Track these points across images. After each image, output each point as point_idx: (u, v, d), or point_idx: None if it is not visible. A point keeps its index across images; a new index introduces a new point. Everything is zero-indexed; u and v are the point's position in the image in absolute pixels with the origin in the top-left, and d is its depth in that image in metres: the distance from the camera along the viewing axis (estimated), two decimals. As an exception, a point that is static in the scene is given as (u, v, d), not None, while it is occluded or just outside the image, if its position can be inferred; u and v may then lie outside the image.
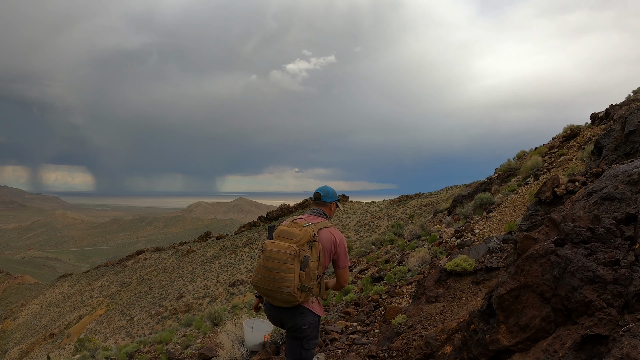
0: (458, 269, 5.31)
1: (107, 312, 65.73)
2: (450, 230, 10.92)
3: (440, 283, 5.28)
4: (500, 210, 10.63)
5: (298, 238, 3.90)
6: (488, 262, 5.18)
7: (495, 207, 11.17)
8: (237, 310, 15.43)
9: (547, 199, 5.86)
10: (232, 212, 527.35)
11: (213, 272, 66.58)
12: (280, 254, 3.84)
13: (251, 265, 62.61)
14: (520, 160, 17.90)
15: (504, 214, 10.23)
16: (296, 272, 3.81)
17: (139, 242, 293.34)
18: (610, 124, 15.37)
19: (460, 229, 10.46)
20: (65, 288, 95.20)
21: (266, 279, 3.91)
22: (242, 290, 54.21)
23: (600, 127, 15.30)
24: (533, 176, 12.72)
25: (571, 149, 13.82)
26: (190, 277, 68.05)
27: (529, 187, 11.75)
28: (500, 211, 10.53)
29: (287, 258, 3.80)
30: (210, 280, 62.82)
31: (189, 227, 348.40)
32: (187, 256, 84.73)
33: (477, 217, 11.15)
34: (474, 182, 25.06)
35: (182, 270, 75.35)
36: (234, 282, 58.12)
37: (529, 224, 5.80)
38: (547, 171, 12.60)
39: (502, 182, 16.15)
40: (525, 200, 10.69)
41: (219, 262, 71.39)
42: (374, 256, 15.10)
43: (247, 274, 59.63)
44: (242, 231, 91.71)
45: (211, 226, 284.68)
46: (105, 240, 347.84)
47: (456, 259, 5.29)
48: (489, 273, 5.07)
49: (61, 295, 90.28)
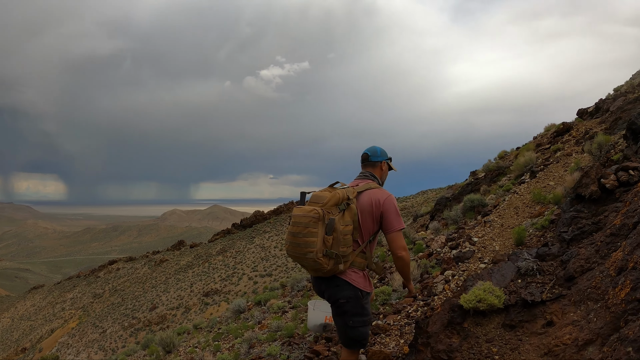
0: (481, 306, 3.54)
1: (80, 325, 64.44)
2: (440, 237, 9.23)
3: (453, 328, 3.52)
4: (499, 212, 9.05)
5: (325, 201, 3.61)
6: (526, 292, 3.48)
7: (492, 210, 9.60)
8: (196, 332, 13.57)
9: (593, 194, 4.22)
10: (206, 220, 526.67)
11: (187, 281, 65.41)
12: (303, 218, 3.57)
13: (226, 274, 62.01)
14: (502, 160, 16.83)
15: (504, 217, 8.64)
16: (320, 237, 3.51)
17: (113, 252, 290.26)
18: (606, 116, 14.33)
19: (452, 236, 8.82)
20: (37, 300, 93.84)
21: (292, 245, 3.67)
22: (217, 300, 53.46)
23: (596, 120, 14.42)
24: (529, 173, 11.52)
25: (567, 144, 12.75)
26: (164, 287, 66.84)
27: (528, 185, 10.38)
28: (499, 214, 8.95)
29: (309, 221, 3.53)
30: (183, 290, 61.63)
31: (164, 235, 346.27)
32: (160, 265, 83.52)
33: (471, 222, 9.57)
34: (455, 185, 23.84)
35: (155, 280, 74.10)
36: (208, 292, 57.31)
37: (573, 230, 4.15)
38: (545, 167, 11.41)
39: (491, 181, 14.83)
40: (527, 200, 9.23)
41: (192, 271, 70.32)
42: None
43: (222, 283, 59.01)
44: (216, 239, 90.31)
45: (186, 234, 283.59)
46: (78, 250, 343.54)
47: (476, 289, 3.56)
48: (529, 311, 3.36)
49: (33, 308, 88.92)
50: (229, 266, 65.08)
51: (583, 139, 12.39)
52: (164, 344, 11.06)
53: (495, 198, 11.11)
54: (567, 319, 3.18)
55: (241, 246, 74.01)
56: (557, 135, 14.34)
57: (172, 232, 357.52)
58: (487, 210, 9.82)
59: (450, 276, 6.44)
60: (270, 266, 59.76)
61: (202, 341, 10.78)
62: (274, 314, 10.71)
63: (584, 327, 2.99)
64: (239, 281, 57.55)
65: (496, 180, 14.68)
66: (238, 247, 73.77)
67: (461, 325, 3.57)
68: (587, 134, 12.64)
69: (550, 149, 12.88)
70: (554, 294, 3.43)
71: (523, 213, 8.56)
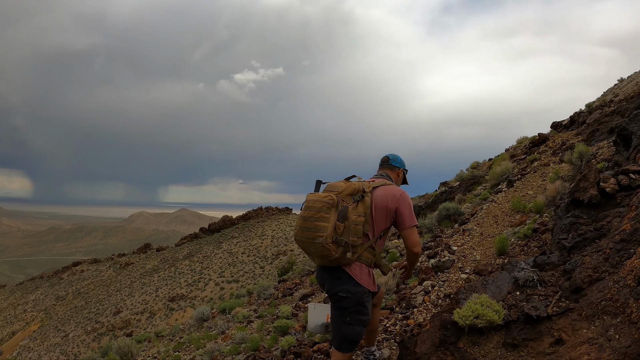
0: (480, 323, 3.08)
1: (42, 328, 62.98)
2: (415, 246, 8.82)
3: (446, 348, 3.02)
4: (477, 221, 8.73)
5: (341, 189, 3.64)
6: (529, 306, 3.02)
7: (470, 218, 9.27)
8: (157, 341, 12.87)
9: (593, 199, 3.84)
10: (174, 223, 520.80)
11: (152, 285, 64.38)
12: (317, 203, 3.57)
13: (192, 279, 61.23)
14: (475, 170, 16.77)
15: (483, 225, 8.32)
16: (331, 222, 3.50)
17: (78, 253, 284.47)
18: (582, 128, 14.34)
19: (429, 244, 8.42)
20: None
21: (302, 229, 3.61)
22: (182, 305, 52.80)
23: (572, 132, 14.51)
24: (506, 182, 11.35)
25: (544, 154, 12.65)
26: (129, 291, 65.70)
27: (505, 194, 10.18)
28: (478, 222, 8.62)
29: (322, 206, 3.53)
30: (149, 295, 60.61)
31: (130, 237, 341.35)
32: (125, 269, 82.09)
33: (448, 230, 9.19)
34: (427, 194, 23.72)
35: (120, 284, 72.80)
36: (174, 297, 56.57)
37: (574, 237, 3.73)
38: (522, 177, 11.25)
39: (466, 190, 14.68)
40: (506, 209, 8.96)
41: (158, 275, 69.18)
42: (319, 276, 12.81)
43: (188, 288, 58.21)
44: (183, 243, 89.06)
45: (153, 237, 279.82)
46: (42, 250, 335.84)
47: (471, 302, 3.09)
48: (533, 327, 2.92)
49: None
50: (196, 271, 64.23)
51: (560, 149, 12.37)
52: (122, 352, 10.37)
53: (472, 207, 10.83)
54: (580, 337, 2.76)
55: (208, 251, 73.21)
56: (532, 146, 14.35)
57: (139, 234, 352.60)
58: (465, 218, 9.50)
59: (429, 287, 6.01)
60: (238, 272, 59.18)
61: (162, 351, 10.14)
62: (239, 324, 10.14)
63: (604, 345, 2.58)
64: (206, 287, 56.84)
65: (471, 189, 14.57)
66: (205, 252, 72.95)
67: (455, 345, 3.10)
68: (564, 145, 12.68)
69: (527, 159, 12.82)
70: (561, 308, 3.00)
71: (503, 222, 8.26)
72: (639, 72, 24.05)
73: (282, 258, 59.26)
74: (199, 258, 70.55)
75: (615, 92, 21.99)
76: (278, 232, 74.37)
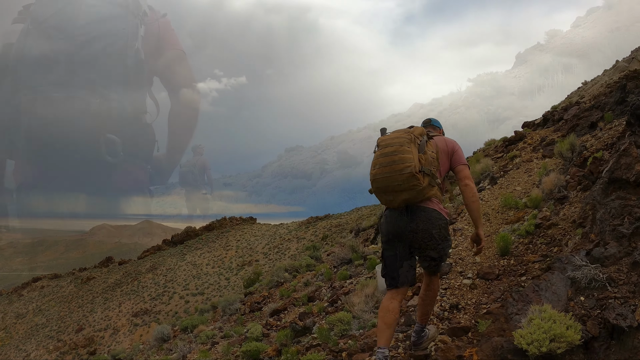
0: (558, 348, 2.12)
1: (2, 348, 60.02)
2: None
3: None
4: (467, 220, 8.01)
5: (412, 129, 3.74)
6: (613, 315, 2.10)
7: (457, 218, 8.54)
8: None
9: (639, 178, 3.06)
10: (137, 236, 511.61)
11: (115, 300, 62.17)
12: (396, 139, 3.63)
13: (155, 293, 59.42)
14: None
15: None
16: (415, 155, 3.55)
17: (38, 268, 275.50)
18: (560, 124, 14.07)
19: (414, 248, 7.63)
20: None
21: (384, 166, 3.58)
22: (147, 320, 51.49)
23: (550, 129, 14.37)
24: (488, 180, 10.92)
25: (524, 151, 12.43)
26: (91, 307, 63.30)
27: (490, 192, 9.65)
28: (468, 221, 7.91)
29: (403, 141, 3.59)
30: (112, 310, 58.55)
31: (92, 251, 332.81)
32: (87, 283, 79.30)
33: (435, 231, 8.41)
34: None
35: (81, 300, 69.91)
36: (137, 312, 54.90)
37: (631, 222, 2.93)
38: (505, 174, 10.77)
39: (445, 191, 14.00)
40: (496, 206, 8.29)
41: (121, 289, 66.92)
42: (289, 288, 11.50)
43: (152, 302, 56.62)
44: (146, 256, 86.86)
45: (115, 250, 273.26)
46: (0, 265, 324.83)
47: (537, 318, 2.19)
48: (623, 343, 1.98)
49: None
50: (160, 284, 62.45)
51: (540, 145, 12.20)
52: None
53: (455, 206, 10.17)
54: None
55: (172, 263, 71.48)
56: (509, 144, 14.24)
57: (100, 248, 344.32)
58: (452, 218, 8.80)
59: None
60: (202, 284, 57.83)
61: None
62: (202, 345, 8.96)
63: None
64: (170, 300, 55.30)
65: (448, 190, 14.04)
66: (169, 265, 71.19)
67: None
68: (544, 141, 12.47)
69: (507, 157, 12.61)
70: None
71: (496, 219, 7.54)
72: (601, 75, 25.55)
73: (248, 269, 58.20)
74: (163, 271, 68.83)
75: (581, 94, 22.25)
76: (242, 242, 73.20)
